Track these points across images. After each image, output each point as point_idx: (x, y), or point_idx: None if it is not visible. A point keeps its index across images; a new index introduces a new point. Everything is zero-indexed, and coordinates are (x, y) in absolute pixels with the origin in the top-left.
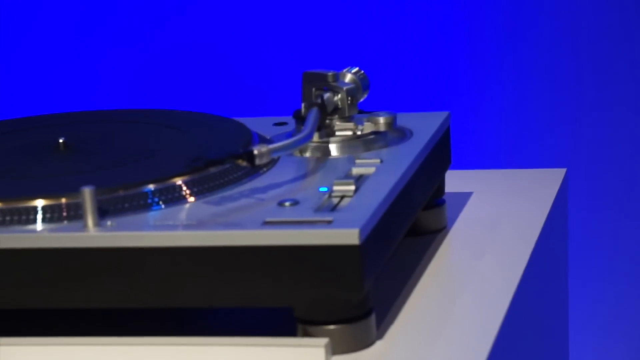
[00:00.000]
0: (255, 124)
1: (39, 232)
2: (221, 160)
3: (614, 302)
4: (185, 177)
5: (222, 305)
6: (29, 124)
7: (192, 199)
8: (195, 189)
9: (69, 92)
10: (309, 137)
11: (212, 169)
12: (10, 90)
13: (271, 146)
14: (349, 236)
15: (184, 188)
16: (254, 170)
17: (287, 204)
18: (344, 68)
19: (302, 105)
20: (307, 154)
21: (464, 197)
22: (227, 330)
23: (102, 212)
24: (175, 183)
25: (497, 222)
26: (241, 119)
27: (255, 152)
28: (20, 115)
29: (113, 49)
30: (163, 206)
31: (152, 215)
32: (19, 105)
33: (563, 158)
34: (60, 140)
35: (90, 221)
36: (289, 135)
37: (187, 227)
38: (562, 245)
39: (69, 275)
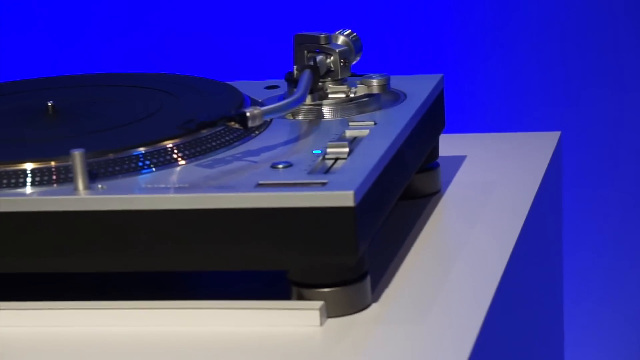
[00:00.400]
0: (247, 87)
1: (29, 195)
2: (213, 123)
3: (609, 267)
4: (177, 140)
5: (215, 268)
6: (17, 87)
7: (183, 162)
8: (186, 152)
9: (56, 54)
10: (301, 99)
11: (204, 132)
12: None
13: (264, 108)
14: (344, 198)
15: (175, 151)
16: (246, 133)
17: (280, 166)
18: (336, 30)
19: (294, 68)
20: (300, 117)
21: (457, 161)
22: (220, 294)
23: (92, 176)
24: (166, 146)
25: (491, 185)
26: (232, 83)
27: (248, 114)
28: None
29: (102, 11)
30: (154, 169)
31: (143, 179)
32: (16, 69)
33: (557, 121)
34: (49, 104)
35: (80, 184)
36: (281, 98)
37: (179, 189)
38: (556, 209)
39: (59, 239)
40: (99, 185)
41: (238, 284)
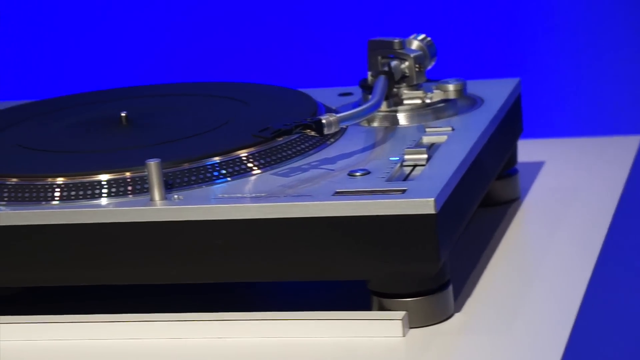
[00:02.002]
0: (320, 94)
1: (105, 207)
2: (289, 130)
3: None
4: (252, 149)
5: (293, 279)
6: (91, 98)
7: (258, 171)
8: (261, 161)
9: (128, 65)
10: (377, 105)
11: (279, 140)
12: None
13: (339, 115)
14: (425, 205)
15: (250, 160)
16: (321, 141)
17: (357, 174)
18: (410, 35)
19: (369, 74)
20: (375, 124)
21: (536, 167)
22: (297, 304)
23: (168, 186)
24: (241, 155)
25: (571, 191)
26: (305, 90)
27: (324, 121)
28: (74, 92)
29: (173, 19)
30: (229, 179)
31: (218, 188)
32: (89, 80)
33: (638, 124)
34: (123, 114)
35: (156, 194)
36: (355, 105)
37: (256, 199)
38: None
39: (135, 251)
40: (175, 196)
41: (312, 294)
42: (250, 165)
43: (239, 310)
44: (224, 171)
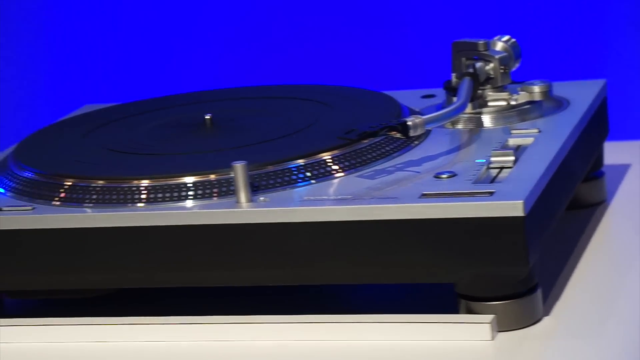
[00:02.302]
0: (402, 96)
1: (190, 209)
2: (375, 133)
3: None
4: (335, 152)
5: (379, 281)
6: (175, 101)
7: (342, 173)
8: (345, 164)
9: (213, 70)
10: (462, 107)
11: (363, 143)
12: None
13: (425, 117)
14: (513, 207)
15: (335, 162)
16: (406, 143)
17: (444, 176)
18: (494, 36)
19: (453, 75)
20: (459, 126)
21: (622, 169)
22: (380, 307)
23: (253, 188)
24: (325, 158)
25: None
26: (388, 92)
27: (410, 123)
28: (160, 95)
29: (256, 25)
30: (313, 181)
31: (303, 191)
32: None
33: None
34: (207, 117)
35: (242, 197)
36: (439, 107)
37: (342, 201)
38: None
39: (220, 253)
40: (261, 198)
41: (396, 297)
42: (334, 167)
43: (323, 313)
44: (308, 173)
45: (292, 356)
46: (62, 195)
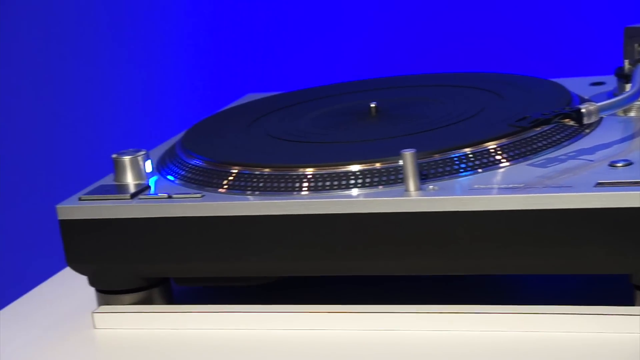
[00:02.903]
0: (570, 84)
1: (358, 197)
2: (548, 120)
3: None
4: (503, 140)
5: (551, 272)
6: (339, 90)
7: (510, 162)
8: (514, 153)
9: (377, 58)
10: (638, 94)
11: (532, 132)
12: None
13: (599, 104)
14: None
15: (503, 151)
16: (577, 131)
17: (619, 164)
18: None
19: (625, 62)
20: (632, 114)
21: None
22: (550, 298)
23: (422, 177)
24: (493, 146)
25: None
26: (554, 80)
27: (584, 110)
28: (323, 84)
29: (420, 13)
30: (480, 170)
31: (472, 179)
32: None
33: None
34: (372, 105)
35: (411, 185)
36: (610, 95)
37: (514, 190)
38: None
39: (387, 241)
40: (430, 186)
41: (566, 288)
42: (502, 156)
43: (491, 303)
44: (477, 162)
45: (462, 345)
46: (229, 182)
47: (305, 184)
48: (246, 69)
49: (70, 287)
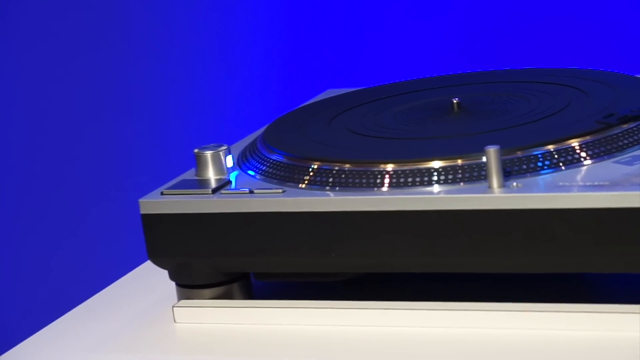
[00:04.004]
0: None
1: (440, 194)
2: (636, 117)
3: None
4: (588, 137)
5: (635, 271)
6: (422, 85)
7: (594, 160)
8: (597, 150)
9: (459, 54)
10: None
11: (616, 129)
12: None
13: None
14: None
15: (587, 148)
16: None
17: None
18: None
19: None
20: None
21: None
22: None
23: (505, 173)
24: (578, 143)
25: None
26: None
27: None
28: (405, 79)
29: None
30: (563, 167)
31: (555, 176)
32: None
33: None
34: (455, 101)
35: (495, 182)
36: None
37: (599, 187)
38: None
39: (469, 239)
40: (514, 183)
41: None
42: (586, 153)
43: (575, 302)
44: (562, 159)
45: (550, 343)
46: (310, 178)
47: (386, 180)
48: (327, 64)
49: (151, 281)
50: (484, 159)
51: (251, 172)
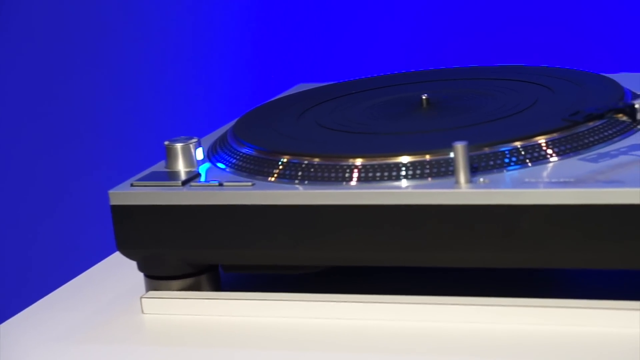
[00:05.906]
0: (624, 79)
1: (407, 189)
2: (601, 115)
3: None
4: (554, 135)
5: (598, 266)
6: (391, 81)
7: (560, 157)
8: (564, 147)
9: (429, 50)
10: None
11: (582, 127)
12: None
13: None
14: None
15: (555, 145)
16: (629, 127)
17: None
18: None
19: None
20: None
21: None
22: (597, 293)
23: (472, 169)
24: (544, 140)
25: None
26: (608, 75)
27: (637, 106)
28: (375, 74)
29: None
30: (530, 164)
31: (522, 173)
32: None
33: None
34: (423, 97)
35: (462, 177)
36: None
37: (564, 184)
38: None
39: (435, 234)
40: (481, 179)
41: (616, 284)
42: (552, 150)
43: (540, 297)
44: (529, 156)
45: (523, 337)
46: (279, 171)
47: (355, 174)
48: (299, 59)
49: (119, 272)
50: (452, 154)
51: (221, 165)
